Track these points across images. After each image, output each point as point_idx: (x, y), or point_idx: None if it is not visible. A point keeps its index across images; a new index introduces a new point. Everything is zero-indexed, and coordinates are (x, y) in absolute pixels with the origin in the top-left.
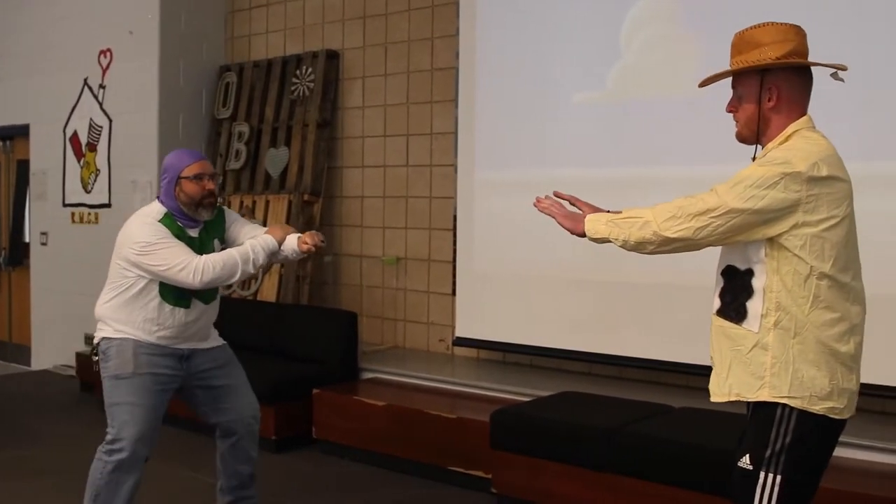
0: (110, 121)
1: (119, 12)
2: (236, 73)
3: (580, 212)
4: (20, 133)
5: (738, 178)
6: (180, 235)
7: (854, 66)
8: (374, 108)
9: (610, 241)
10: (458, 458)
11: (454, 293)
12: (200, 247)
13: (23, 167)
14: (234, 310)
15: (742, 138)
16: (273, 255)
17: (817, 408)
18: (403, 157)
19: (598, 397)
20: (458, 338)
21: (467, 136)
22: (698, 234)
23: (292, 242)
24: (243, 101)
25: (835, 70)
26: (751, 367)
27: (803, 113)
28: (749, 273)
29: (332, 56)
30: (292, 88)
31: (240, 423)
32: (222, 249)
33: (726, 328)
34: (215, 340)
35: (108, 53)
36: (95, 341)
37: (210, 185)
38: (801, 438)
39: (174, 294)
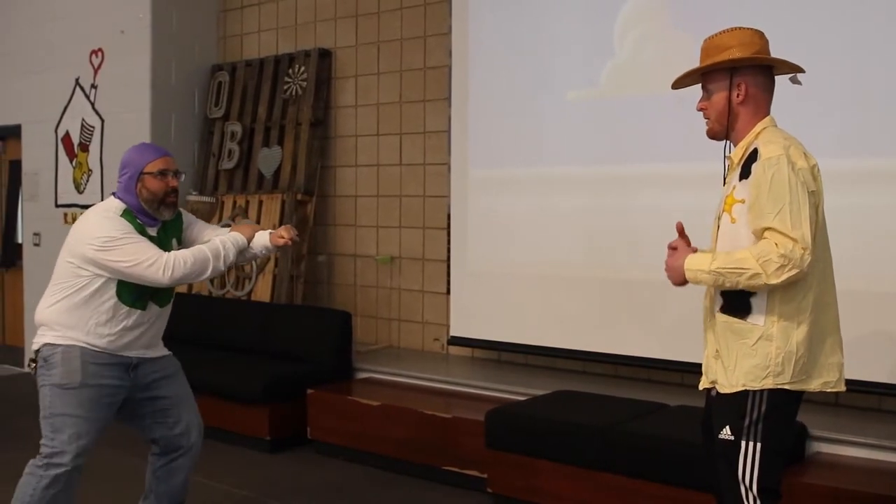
0: (102, 121)
1: (110, 12)
2: (228, 72)
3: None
4: (12, 133)
5: (776, 201)
6: (141, 232)
7: (848, 63)
8: (366, 107)
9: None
10: (454, 457)
11: (448, 292)
12: (159, 246)
13: (15, 167)
14: (229, 310)
15: (713, 134)
16: (242, 253)
17: (812, 386)
18: (397, 156)
19: (593, 396)
20: (453, 337)
21: (461, 135)
22: (805, 262)
23: (262, 239)
24: (236, 101)
25: (793, 73)
26: (756, 358)
27: (768, 112)
28: None
29: (325, 55)
30: (285, 87)
31: (184, 438)
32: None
33: (732, 323)
34: (162, 349)
35: (99, 53)
36: (35, 347)
37: (174, 183)
38: (775, 406)
39: (132, 295)
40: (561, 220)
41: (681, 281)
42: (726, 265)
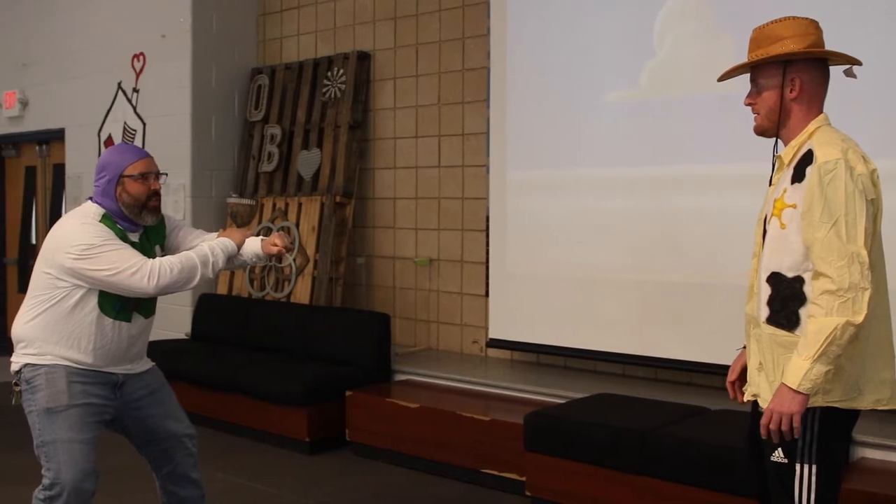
0: (144, 124)
1: (151, 16)
2: (268, 75)
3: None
4: (56, 137)
5: (831, 211)
6: (122, 238)
7: (886, 62)
8: (405, 109)
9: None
10: (492, 460)
11: (487, 294)
12: (141, 253)
13: (59, 171)
14: (268, 311)
15: (762, 130)
16: (232, 259)
17: (864, 404)
18: (435, 158)
19: (632, 399)
20: (492, 339)
21: (499, 137)
22: (868, 279)
23: (254, 246)
24: (275, 104)
25: (849, 66)
26: None
27: (822, 108)
28: (799, 280)
29: (364, 57)
30: (324, 90)
31: (177, 449)
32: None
33: (778, 336)
34: (147, 362)
35: (141, 57)
36: (16, 368)
37: (156, 185)
38: (828, 426)
39: (115, 306)
40: (600, 222)
41: (802, 401)
42: (817, 345)
